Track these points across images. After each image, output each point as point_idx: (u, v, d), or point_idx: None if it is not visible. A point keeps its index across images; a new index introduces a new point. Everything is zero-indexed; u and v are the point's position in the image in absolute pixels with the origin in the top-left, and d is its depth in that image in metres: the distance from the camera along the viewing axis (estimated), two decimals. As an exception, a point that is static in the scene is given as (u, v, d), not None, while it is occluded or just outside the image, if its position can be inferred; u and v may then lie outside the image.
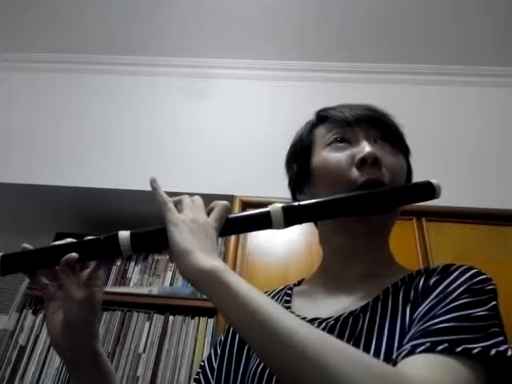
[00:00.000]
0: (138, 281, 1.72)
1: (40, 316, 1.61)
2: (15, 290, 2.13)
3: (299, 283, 0.77)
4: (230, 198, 1.63)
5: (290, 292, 0.73)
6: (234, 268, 1.51)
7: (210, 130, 2.01)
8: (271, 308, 0.46)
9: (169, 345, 1.52)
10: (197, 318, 1.57)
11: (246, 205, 1.65)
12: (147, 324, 1.56)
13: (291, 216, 0.60)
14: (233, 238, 1.56)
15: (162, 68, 2.19)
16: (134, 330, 1.55)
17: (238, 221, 0.62)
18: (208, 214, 0.59)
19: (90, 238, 0.59)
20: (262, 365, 0.60)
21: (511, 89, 2.07)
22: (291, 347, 0.43)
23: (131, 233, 0.58)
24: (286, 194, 0.75)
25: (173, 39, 2.12)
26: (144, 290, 1.65)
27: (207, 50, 2.15)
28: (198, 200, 0.61)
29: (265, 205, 0.60)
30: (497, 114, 2.02)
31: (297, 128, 0.76)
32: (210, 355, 0.73)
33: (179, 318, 1.57)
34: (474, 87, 2.08)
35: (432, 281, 0.57)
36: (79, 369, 0.61)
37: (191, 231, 0.55)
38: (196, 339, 1.52)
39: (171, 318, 1.57)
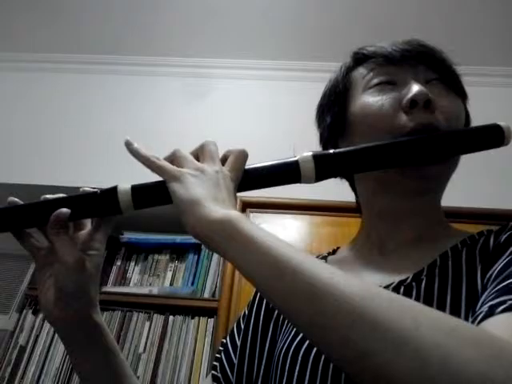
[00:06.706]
0: (138, 281, 1.72)
1: (40, 316, 1.61)
2: (15, 290, 2.13)
3: (334, 252, 0.66)
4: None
5: (324, 262, 0.62)
6: (233, 273, 1.51)
7: (210, 130, 2.00)
8: (305, 259, 0.37)
9: (169, 345, 1.52)
10: (197, 318, 1.56)
11: (246, 205, 1.64)
12: (147, 324, 1.56)
13: (324, 167, 0.49)
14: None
15: (162, 68, 2.19)
16: (133, 330, 1.55)
17: (258, 173, 0.52)
18: (223, 163, 0.51)
19: (85, 192, 0.53)
20: (294, 344, 0.51)
21: (511, 89, 2.08)
22: (345, 304, 0.32)
23: (132, 186, 0.50)
24: (288, 194, 0.74)
25: (173, 39, 2.12)
26: (144, 290, 1.65)
27: (207, 50, 2.15)
28: (210, 146, 0.51)
29: (265, 205, 0.57)
30: (497, 114, 2.01)
31: (296, 128, 0.75)
32: (232, 331, 0.65)
33: (179, 318, 1.57)
34: (473, 87, 2.07)
35: (504, 237, 0.47)
36: (76, 344, 0.54)
37: (197, 181, 0.45)
38: (196, 339, 1.52)
39: (171, 318, 1.57)
